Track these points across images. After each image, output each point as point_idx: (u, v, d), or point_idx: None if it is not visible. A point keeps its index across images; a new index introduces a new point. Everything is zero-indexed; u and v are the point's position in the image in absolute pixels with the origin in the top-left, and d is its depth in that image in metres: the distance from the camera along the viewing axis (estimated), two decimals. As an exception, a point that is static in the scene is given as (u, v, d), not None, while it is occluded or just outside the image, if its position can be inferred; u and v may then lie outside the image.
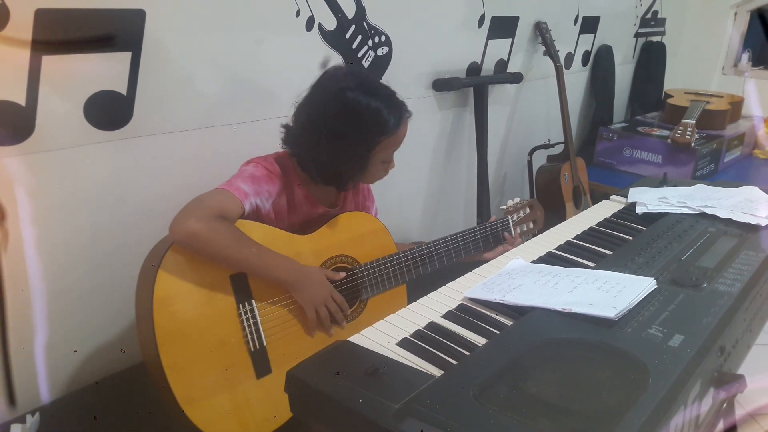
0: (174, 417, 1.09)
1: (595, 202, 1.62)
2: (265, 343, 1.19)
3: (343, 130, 1.22)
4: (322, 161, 1.26)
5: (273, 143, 1.32)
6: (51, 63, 1.18)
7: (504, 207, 1.60)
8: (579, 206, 2.48)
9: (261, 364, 1.18)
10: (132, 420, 1.21)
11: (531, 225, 1.65)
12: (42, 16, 1.14)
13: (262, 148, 1.34)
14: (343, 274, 1.27)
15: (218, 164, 1.46)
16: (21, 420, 1.23)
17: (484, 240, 1.51)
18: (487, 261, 1.20)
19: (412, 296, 1.02)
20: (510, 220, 1.57)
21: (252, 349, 1.18)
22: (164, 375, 1.06)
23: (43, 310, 1.28)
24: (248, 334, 1.17)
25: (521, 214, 1.61)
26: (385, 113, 1.23)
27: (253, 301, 1.18)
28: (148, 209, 1.39)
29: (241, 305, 1.17)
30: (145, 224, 1.38)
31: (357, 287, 1.32)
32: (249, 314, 1.17)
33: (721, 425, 1.00)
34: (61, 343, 1.33)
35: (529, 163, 2.55)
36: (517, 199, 1.63)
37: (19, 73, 1.15)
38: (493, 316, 0.96)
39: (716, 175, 2.74)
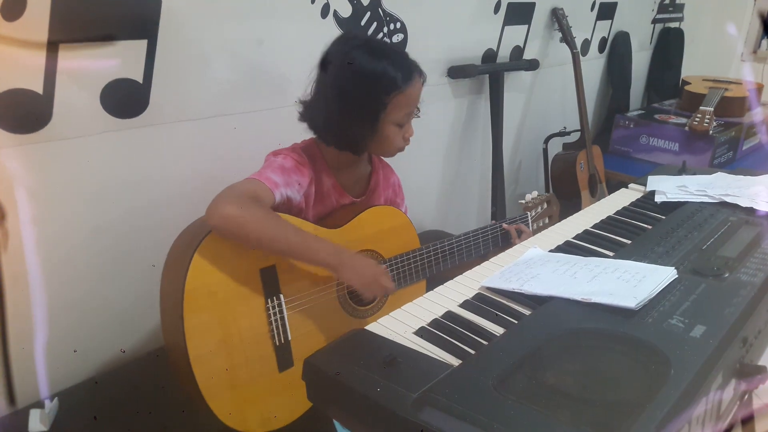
0: (194, 406, 1.10)
1: (610, 191, 1.60)
2: (290, 338, 1.19)
3: (351, 89, 1.21)
4: (334, 125, 1.24)
5: (290, 130, 1.32)
6: (68, 51, 1.18)
7: (523, 201, 1.59)
8: (595, 195, 2.46)
9: (284, 357, 1.18)
10: (132, 419, 1.21)
11: (547, 220, 1.63)
12: (59, 4, 1.13)
13: (278, 135, 1.33)
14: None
15: (235, 152, 1.46)
16: (39, 405, 1.24)
17: (503, 236, 1.50)
18: None
19: (431, 289, 1.02)
20: (529, 216, 1.56)
21: (277, 344, 1.17)
22: (189, 366, 1.06)
23: (44, 307, 1.28)
24: (274, 329, 1.17)
25: (539, 209, 1.59)
26: (392, 70, 1.20)
27: (281, 295, 1.17)
28: (161, 200, 1.40)
29: (269, 299, 1.16)
30: (158, 216, 1.39)
31: None
32: (276, 308, 1.17)
33: (739, 416, 0.99)
34: (61, 343, 1.33)
35: (545, 151, 2.54)
36: (535, 193, 1.61)
37: (36, 61, 1.15)
38: (511, 305, 0.95)
39: (734, 163, 2.70)
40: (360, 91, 1.21)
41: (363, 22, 1.70)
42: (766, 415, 1.02)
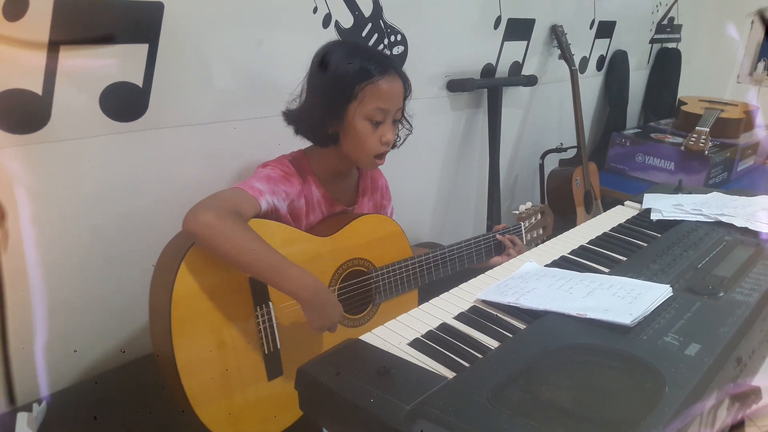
0: (182, 415, 1.09)
1: (606, 208, 1.61)
2: (279, 346, 1.18)
3: (322, 81, 1.23)
4: (305, 114, 1.26)
5: (288, 138, 1.32)
6: (68, 53, 1.17)
7: (516, 212, 1.59)
8: (590, 211, 2.47)
9: (273, 366, 1.18)
10: (131, 418, 1.20)
11: (541, 231, 1.64)
12: (61, 6, 1.13)
13: (276, 143, 1.33)
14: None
15: (232, 159, 1.46)
16: (27, 408, 1.23)
17: (497, 246, 1.50)
18: (492, 267, 1.18)
19: (423, 300, 1.02)
20: (522, 227, 1.56)
21: (266, 352, 1.17)
22: (177, 374, 1.05)
23: (44, 307, 1.27)
24: (263, 337, 1.16)
25: (533, 220, 1.60)
26: (365, 62, 1.21)
27: (270, 303, 1.17)
28: (158, 203, 1.39)
29: (258, 307, 1.16)
30: (154, 219, 1.38)
31: (371, 291, 1.31)
32: (266, 316, 1.16)
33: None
34: (61, 343, 1.32)
35: (541, 167, 2.55)
36: (529, 204, 1.62)
37: (36, 62, 1.15)
38: (507, 319, 0.95)
39: (729, 183, 2.72)
40: (331, 78, 1.22)
41: (364, 33, 1.70)
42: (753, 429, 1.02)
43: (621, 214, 1.45)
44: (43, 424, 1.22)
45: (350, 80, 1.21)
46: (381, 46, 1.76)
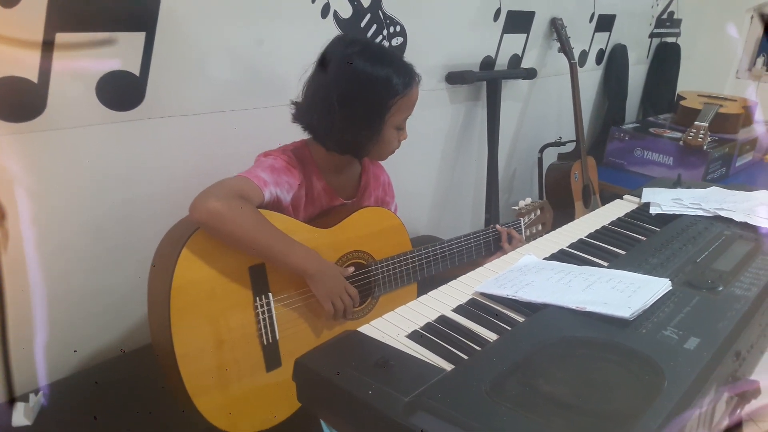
0: (180, 405, 1.08)
1: (604, 202, 1.60)
2: (278, 337, 1.18)
3: (355, 96, 1.21)
4: (336, 129, 1.23)
5: (285, 129, 1.31)
6: (65, 40, 1.16)
7: (516, 207, 1.58)
8: (588, 205, 2.46)
9: (272, 357, 1.17)
10: (128, 409, 1.20)
11: (540, 227, 1.63)
12: (57, -7, 1.12)
13: (274, 133, 1.33)
14: (352, 269, 1.26)
15: (229, 149, 1.45)
16: (24, 399, 1.22)
17: (496, 242, 1.49)
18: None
19: (423, 294, 1.01)
20: (522, 223, 1.55)
21: (265, 343, 1.16)
22: (176, 364, 1.05)
23: (43, 297, 1.26)
24: (262, 328, 1.16)
25: (533, 216, 1.59)
26: (395, 75, 1.22)
27: (269, 294, 1.16)
28: (155, 193, 1.39)
29: (257, 298, 1.15)
30: (151, 209, 1.37)
31: (370, 284, 1.31)
32: (265, 307, 1.16)
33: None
34: (59, 334, 1.32)
35: (540, 161, 2.54)
36: (528, 200, 1.61)
37: (32, 49, 1.13)
38: (505, 311, 0.94)
39: (727, 179, 2.72)
40: (366, 97, 1.21)
41: (363, 24, 1.69)
42: (746, 425, 1.02)
43: (620, 207, 1.44)
44: (40, 413, 1.21)
45: (385, 97, 1.22)
46: (380, 37, 1.75)
